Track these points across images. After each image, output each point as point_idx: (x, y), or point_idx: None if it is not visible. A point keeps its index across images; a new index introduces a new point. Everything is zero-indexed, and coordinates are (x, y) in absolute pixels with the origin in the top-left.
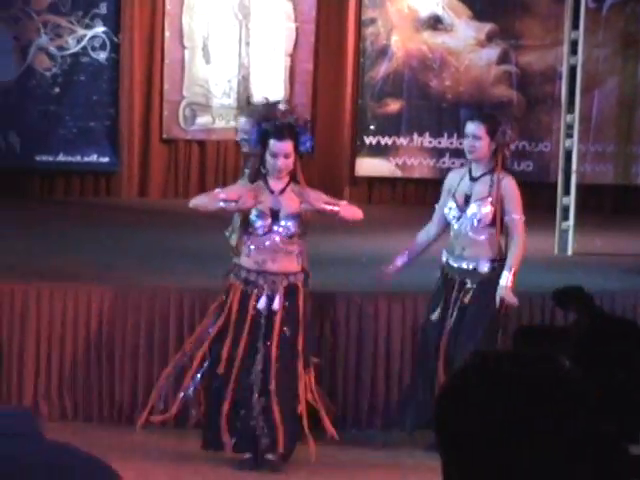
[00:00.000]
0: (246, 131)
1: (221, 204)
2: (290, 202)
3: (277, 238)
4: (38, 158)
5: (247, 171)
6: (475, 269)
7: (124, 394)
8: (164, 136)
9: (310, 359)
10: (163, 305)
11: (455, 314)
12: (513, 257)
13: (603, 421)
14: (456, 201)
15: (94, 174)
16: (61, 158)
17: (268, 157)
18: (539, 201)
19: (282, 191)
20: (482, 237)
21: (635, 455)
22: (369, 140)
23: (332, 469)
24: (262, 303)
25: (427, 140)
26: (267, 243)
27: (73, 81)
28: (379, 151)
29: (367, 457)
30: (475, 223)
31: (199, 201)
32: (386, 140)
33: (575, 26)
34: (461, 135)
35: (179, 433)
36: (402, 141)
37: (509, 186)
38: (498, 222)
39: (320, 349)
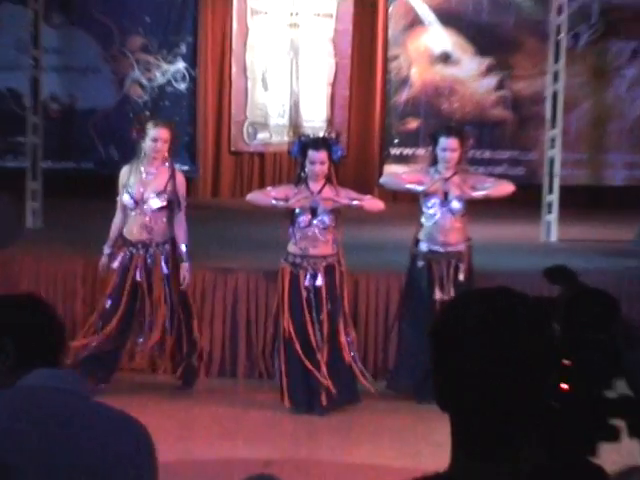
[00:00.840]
0: None
1: (272, 202)
2: (326, 200)
3: (316, 229)
4: None
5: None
6: (458, 251)
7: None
8: (232, 149)
9: (349, 326)
10: (237, 282)
11: (452, 291)
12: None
13: (582, 370)
14: (438, 198)
15: None
16: None
17: (308, 164)
18: (528, 198)
19: (319, 191)
20: (459, 224)
21: (610, 398)
22: (394, 151)
23: (355, 409)
24: (307, 280)
25: None
26: (308, 233)
27: (160, 106)
28: (402, 159)
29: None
30: (455, 215)
31: (254, 197)
32: (407, 151)
33: (556, 60)
34: None
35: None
36: (420, 151)
37: (472, 176)
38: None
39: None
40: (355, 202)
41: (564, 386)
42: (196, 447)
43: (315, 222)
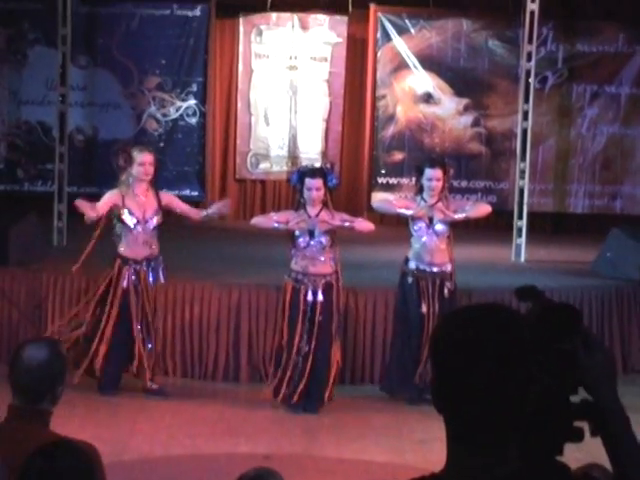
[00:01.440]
0: None
1: (274, 225)
2: (322, 223)
3: (314, 249)
4: None
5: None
6: (443, 270)
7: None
8: (236, 177)
9: (339, 338)
10: (240, 296)
11: (437, 305)
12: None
13: (551, 378)
14: (424, 222)
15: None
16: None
17: (305, 191)
18: (500, 223)
19: (316, 215)
20: (443, 246)
21: (574, 403)
22: (381, 180)
23: (346, 409)
24: (310, 296)
25: None
26: (307, 253)
27: (173, 138)
28: (388, 188)
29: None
30: (440, 237)
31: (258, 221)
32: (393, 180)
33: (526, 101)
34: None
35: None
36: (404, 181)
37: (453, 202)
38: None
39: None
40: (347, 224)
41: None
42: (203, 443)
43: (313, 243)
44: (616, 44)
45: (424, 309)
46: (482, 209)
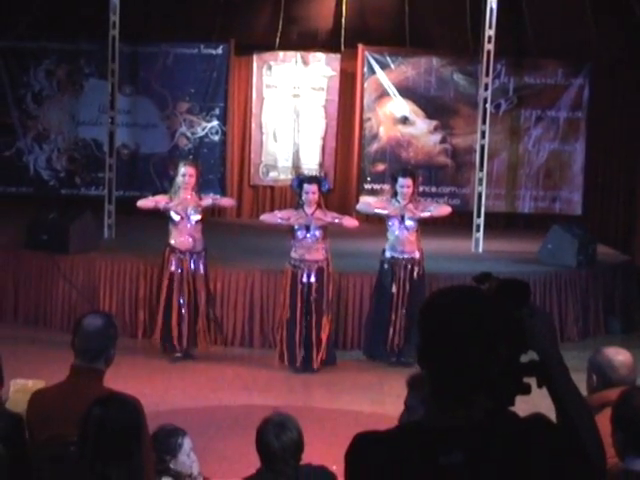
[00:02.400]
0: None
1: (278, 220)
2: (317, 220)
3: (309, 241)
4: None
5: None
6: (412, 257)
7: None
8: (251, 183)
9: (330, 313)
10: (254, 278)
11: (408, 286)
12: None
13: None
14: (397, 219)
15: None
16: None
17: (303, 194)
18: (462, 221)
19: (312, 213)
20: (413, 238)
21: (523, 362)
22: (367, 186)
23: (338, 370)
24: (305, 278)
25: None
26: (304, 244)
27: (200, 152)
28: (372, 192)
29: (357, 365)
30: (410, 231)
31: (265, 217)
32: (376, 186)
33: (483, 122)
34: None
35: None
36: (385, 186)
37: (421, 203)
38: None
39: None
40: (337, 220)
41: None
42: (224, 396)
43: (309, 235)
44: (556, 77)
45: (394, 289)
46: (443, 209)
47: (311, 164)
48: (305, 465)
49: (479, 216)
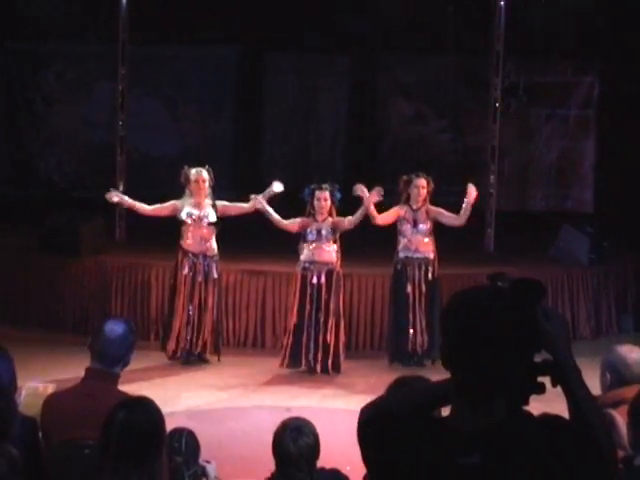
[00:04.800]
0: None
1: (296, 227)
2: (327, 226)
3: (320, 243)
4: None
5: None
6: (426, 257)
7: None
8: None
9: (340, 315)
10: (265, 281)
11: (424, 287)
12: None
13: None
14: (409, 223)
15: None
16: None
17: (315, 202)
18: (474, 220)
19: (323, 220)
20: (426, 240)
21: (537, 362)
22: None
23: (351, 371)
24: (314, 280)
25: None
26: (314, 245)
27: (211, 154)
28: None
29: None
30: (422, 233)
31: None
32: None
33: (494, 122)
34: None
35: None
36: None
37: (433, 209)
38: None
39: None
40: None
41: None
42: (236, 397)
43: (320, 238)
44: (566, 75)
45: (409, 289)
46: (456, 220)
47: (322, 165)
48: (319, 469)
49: (491, 215)
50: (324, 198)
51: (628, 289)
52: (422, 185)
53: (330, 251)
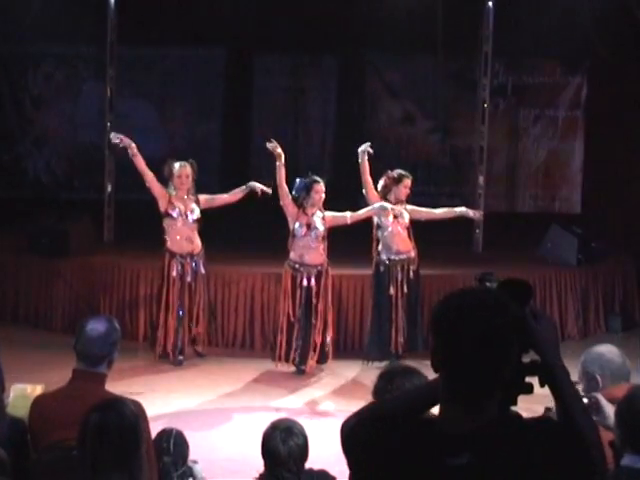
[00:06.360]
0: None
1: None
2: (318, 219)
3: (309, 240)
4: None
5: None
6: (408, 256)
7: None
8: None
9: (331, 316)
10: (254, 281)
11: (406, 287)
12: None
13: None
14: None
15: None
16: None
17: (314, 195)
18: (462, 221)
19: (313, 214)
20: (405, 234)
21: (525, 362)
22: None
23: (339, 371)
24: (304, 282)
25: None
26: (303, 243)
27: (199, 155)
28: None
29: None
30: (402, 226)
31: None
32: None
33: (482, 122)
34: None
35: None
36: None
37: (410, 207)
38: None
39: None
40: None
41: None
42: (226, 398)
43: (310, 233)
44: (554, 76)
45: (392, 291)
46: (430, 215)
47: (311, 166)
48: (307, 470)
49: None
50: (322, 191)
51: (616, 289)
52: (409, 185)
53: (319, 250)
